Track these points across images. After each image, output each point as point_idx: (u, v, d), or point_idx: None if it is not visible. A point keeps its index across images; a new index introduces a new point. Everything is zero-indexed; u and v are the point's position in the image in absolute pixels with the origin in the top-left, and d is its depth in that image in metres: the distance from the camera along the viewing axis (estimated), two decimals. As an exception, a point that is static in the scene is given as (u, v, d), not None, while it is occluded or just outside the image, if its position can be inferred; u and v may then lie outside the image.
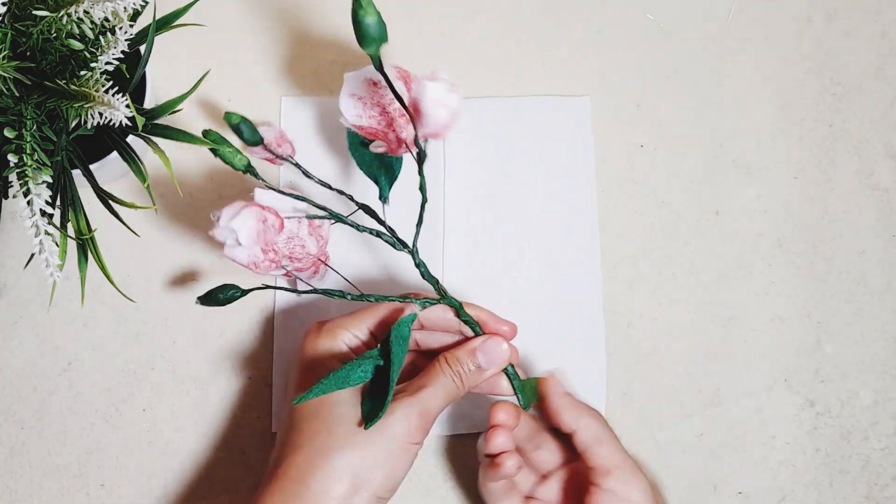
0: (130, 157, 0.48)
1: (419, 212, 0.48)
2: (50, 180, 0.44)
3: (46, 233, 0.42)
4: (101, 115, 0.44)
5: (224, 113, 0.48)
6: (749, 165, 0.60)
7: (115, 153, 0.49)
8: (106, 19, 0.45)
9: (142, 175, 0.47)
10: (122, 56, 0.46)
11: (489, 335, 0.49)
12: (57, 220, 0.46)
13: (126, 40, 0.46)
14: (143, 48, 0.47)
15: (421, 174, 0.48)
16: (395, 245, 0.49)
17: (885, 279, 0.59)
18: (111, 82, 0.45)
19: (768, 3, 0.63)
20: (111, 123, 0.43)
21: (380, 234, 0.49)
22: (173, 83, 0.59)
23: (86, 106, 0.44)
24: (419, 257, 0.49)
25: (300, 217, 0.51)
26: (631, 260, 0.59)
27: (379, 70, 0.43)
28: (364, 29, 0.40)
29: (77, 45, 0.46)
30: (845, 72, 0.62)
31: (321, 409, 0.46)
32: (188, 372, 0.56)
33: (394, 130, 0.51)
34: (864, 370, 0.58)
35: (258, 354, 0.57)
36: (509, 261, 0.58)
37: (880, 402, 0.58)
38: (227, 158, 0.47)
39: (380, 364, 0.47)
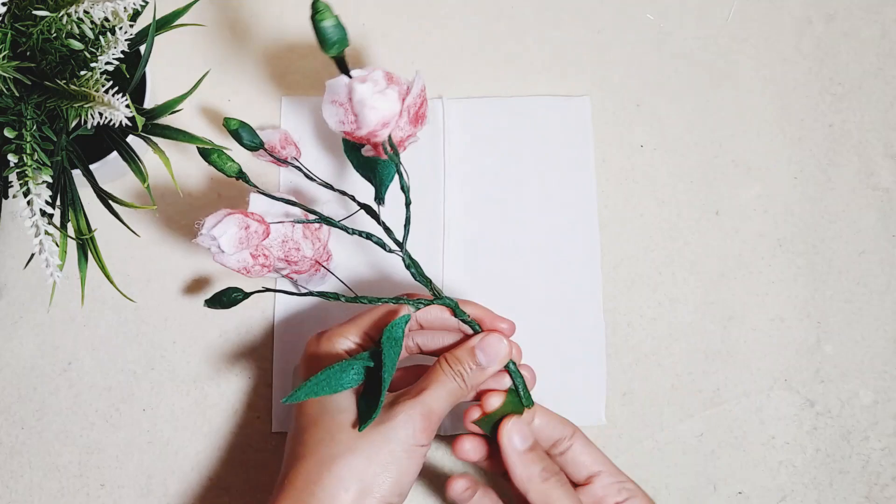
0: (130, 157, 0.48)
1: (406, 212, 0.48)
2: (50, 180, 0.44)
3: (46, 233, 0.42)
4: (101, 115, 0.44)
5: (223, 119, 0.48)
6: (749, 165, 0.60)
7: (115, 153, 0.49)
8: (106, 19, 0.45)
9: (142, 175, 0.47)
10: (122, 56, 0.46)
11: (487, 332, 0.49)
12: (57, 220, 0.46)
13: (126, 40, 0.46)
14: (143, 48, 0.47)
15: (400, 174, 0.48)
16: (384, 247, 0.49)
17: (885, 279, 0.59)
18: (111, 82, 0.45)
19: (768, 3, 0.63)
20: (111, 123, 0.43)
21: (370, 237, 0.49)
22: (173, 83, 0.59)
23: (86, 106, 0.44)
24: (410, 258, 0.49)
25: (290, 222, 0.51)
26: (631, 260, 0.59)
27: (343, 72, 0.43)
28: (323, 33, 0.40)
29: (77, 45, 0.46)
30: (845, 72, 0.62)
31: (323, 418, 0.46)
32: (188, 372, 0.56)
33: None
34: (864, 370, 0.58)
35: (258, 355, 0.57)
36: (509, 261, 0.58)
37: (880, 402, 0.58)
38: (218, 165, 0.47)
39: (370, 366, 0.47)
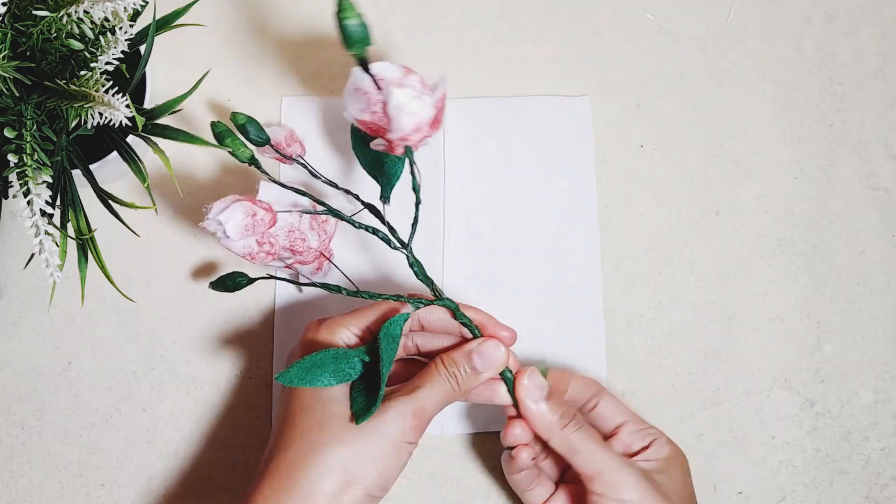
0: (130, 157, 0.48)
1: (414, 212, 0.49)
2: (50, 180, 0.44)
3: (46, 233, 0.42)
4: (101, 115, 0.44)
5: (231, 113, 0.49)
6: (749, 165, 0.60)
7: (115, 153, 0.49)
8: (106, 19, 0.45)
9: (142, 175, 0.47)
10: (122, 56, 0.46)
11: (486, 338, 0.49)
12: (57, 220, 0.46)
13: (126, 40, 0.46)
14: (143, 48, 0.47)
15: (412, 174, 0.48)
16: (389, 243, 0.49)
17: (885, 279, 0.59)
18: (111, 82, 0.45)
19: (768, 3, 0.63)
20: (111, 123, 0.43)
21: (376, 232, 0.49)
22: (173, 83, 0.59)
23: (86, 106, 0.44)
24: (414, 257, 0.49)
25: (298, 212, 0.51)
26: (631, 260, 0.59)
27: (364, 71, 0.43)
28: (347, 31, 0.41)
29: (77, 45, 0.46)
30: (845, 72, 0.62)
31: (314, 406, 0.46)
32: (188, 372, 0.56)
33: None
34: (864, 370, 0.58)
35: (258, 354, 0.57)
36: (509, 261, 0.58)
37: (880, 402, 0.58)
38: (232, 149, 0.48)
39: (365, 360, 0.47)
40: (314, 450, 0.45)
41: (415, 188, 0.48)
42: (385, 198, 0.53)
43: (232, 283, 0.50)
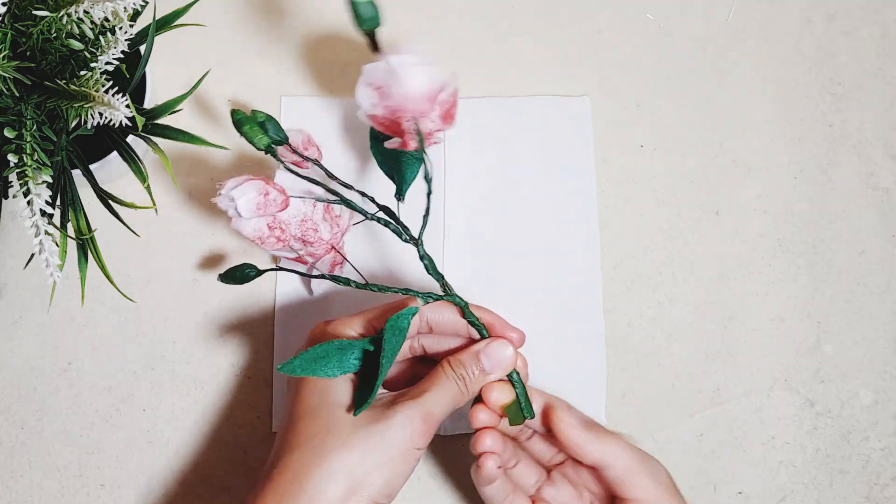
0: (130, 157, 0.49)
1: (426, 203, 0.48)
2: (50, 180, 0.44)
3: (46, 233, 0.42)
4: (101, 115, 0.44)
5: (251, 110, 0.48)
6: (749, 165, 0.60)
7: (115, 153, 0.49)
8: (106, 19, 0.45)
9: (142, 175, 0.47)
10: (122, 56, 0.46)
11: (494, 338, 0.48)
12: (57, 220, 0.46)
13: (126, 40, 0.46)
14: (143, 48, 0.47)
15: (424, 163, 0.47)
16: (401, 235, 0.48)
17: (885, 279, 0.59)
18: (111, 82, 0.45)
19: (768, 3, 0.63)
20: (111, 123, 0.43)
21: (387, 224, 0.48)
22: (173, 83, 0.59)
23: (86, 106, 0.44)
24: (424, 251, 0.48)
25: (311, 199, 0.50)
26: (631, 260, 0.59)
27: (373, 49, 0.44)
28: (357, 9, 0.42)
29: (77, 45, 0.46)
30: (845, 72, 0.62)
31: (321, 410, 0.46)
32: (188, 372, 0.56)
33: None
34: (864, 370, 0.58)
35: (258, 354, 0.57)
36: (509, 260, 0.58)
37: (880, 402, 0.58)
38: (249, 136, 0.48)
39: (369, 350, 0.47)
40: (320, 455, 0.44)
41: (427, 178, 0.48)
42: (400, 196, 0.53)
43: (241, 274, 0.49)
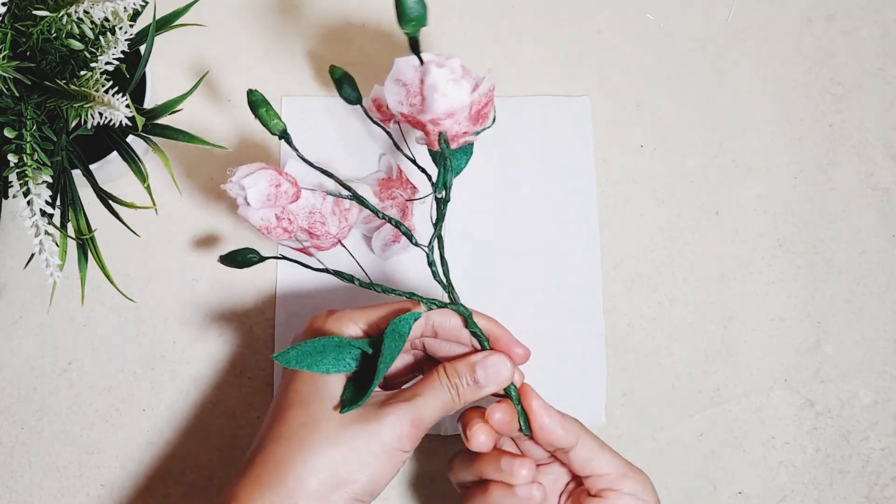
0: (130, 157, 0.49)
1: (440, 210, 0.47)
2: (50, 180, 0.44)
3: (46, 233, 0.42)
4: (101, 115, 0.44)
5: (329, 66, 0.47)
6: (749, 165, 0.60)
7: (115, 153, 0.49)
8: (106, 19, 0.45)
9: (142, 175, 0.47)
10: (122, 56, 0.46)
11: (493, 351, 0.47)
12: (57, 220, 0.46)
13: (126, 40, 0.46)
14: (143, 48, 0.47)
15: (445, 169, 0.47)
16: (411, 238, 0.48)
17: (885, 279, 0.59)
18: (111, 82, 0.45)
19: (768, 3, 0.63)
20: (111, 123, 0.43)
21: (398, 225, 0.48)
22: (173, 83, 0.59)
23: (86, 106, 0.44)
24: (432, 257, 0.48)
25: (321, 192, 0.50)
26: (631, 260, 0.59)
27: (415, 52, 0.42)
28: (404, 7, 0.40)
29: (77, 45, 0.46)
30: (845, 72, 0.62)
31: (311, 401, 0.45)
32: (188, 372, 0.56)
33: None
34: (864, 370, 0.58)
35: (258, 354, 0.57)
36: (509, 260, 0.58)
37: (880, 402, 0.58)
38: (264, 120, 0.47)
39: (367, 352, 0.46)
40: (305, 447, 0.44)
41: (446, 185, 0.47)
42: (441, 188, 0.52)
43: (242, 258, 0.48)
